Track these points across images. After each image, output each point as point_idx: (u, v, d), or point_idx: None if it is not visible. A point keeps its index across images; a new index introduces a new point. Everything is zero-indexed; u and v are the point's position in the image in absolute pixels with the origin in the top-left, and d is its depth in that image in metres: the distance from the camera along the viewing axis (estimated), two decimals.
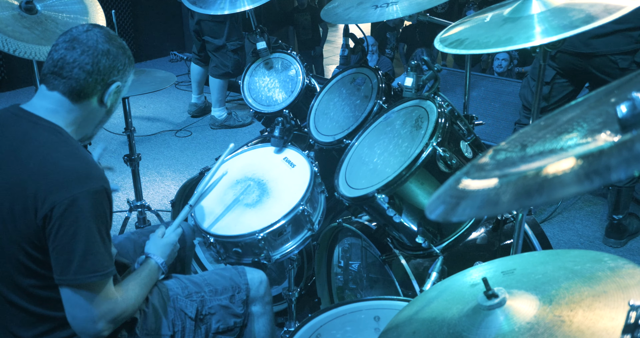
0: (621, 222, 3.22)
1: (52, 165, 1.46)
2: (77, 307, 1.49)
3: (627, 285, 0.94)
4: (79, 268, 1.45)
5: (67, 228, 1.43)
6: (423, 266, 2.06)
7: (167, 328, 1.77)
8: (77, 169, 1.47)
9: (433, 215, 0.80)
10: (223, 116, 5.20)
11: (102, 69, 1.55)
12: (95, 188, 1.46)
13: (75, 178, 1.45)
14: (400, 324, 1.19)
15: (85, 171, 1.48)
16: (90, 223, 1.46)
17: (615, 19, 1.30)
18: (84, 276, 1.46)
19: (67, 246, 1.44)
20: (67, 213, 1.43)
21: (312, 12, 6.55)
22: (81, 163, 1.49)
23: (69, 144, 1.52)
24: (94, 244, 1.47)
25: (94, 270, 1.47)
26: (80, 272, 1.45)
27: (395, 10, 2.06)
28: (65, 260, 1.45)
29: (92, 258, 1.46)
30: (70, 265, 1.45)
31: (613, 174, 0.61)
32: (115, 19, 2.78)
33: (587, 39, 2.88)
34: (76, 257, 1.44)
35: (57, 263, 1.46)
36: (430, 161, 1.81)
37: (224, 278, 1.94)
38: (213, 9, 2.80)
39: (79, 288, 1.48)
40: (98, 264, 1.47)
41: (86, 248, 1.45)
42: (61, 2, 2.48)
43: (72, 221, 1.43)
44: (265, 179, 2.36)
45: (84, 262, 1.45)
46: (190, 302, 1.84)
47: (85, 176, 1.47)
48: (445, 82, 4.50)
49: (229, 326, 1.88)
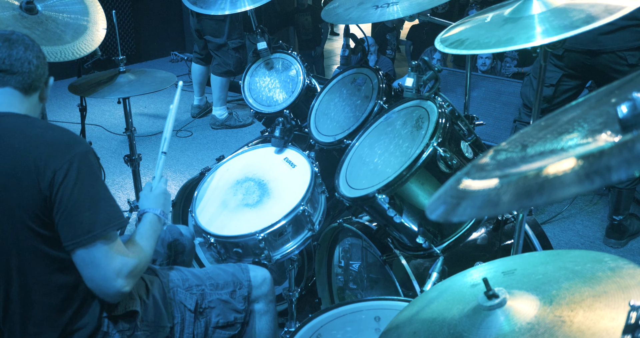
0: (622, 223, 3.22)
1: (38, 138, 1.52)
2: (93, 267, 1.52)
3: (627, 286, 0.94)
4: (90, 226, 1.50)
5: (72, 189, 1.49)
6: (423, 267, 2.06)
7: (166, 319, 1.77)
8: (62, 137, 1.55)
9: (434, 215, 0.80)
10: (224, 116, 5.20)
11: (43, 64, 1.66)
12: (84, 149, 1.55)
13: (64, 144, 1.53)
14: (400, 324, 1.19)
15: (69, 137, 1.56)
16: (91, 180, 1.53)
17: (623, 16, 1.30)
18: (98, 232, 1.50)
19: (75, 206, 1.49)
20: (69, 174, 1.49)
21: (312, 12, 6.55)
22: (62, 132, 1.58)
23: (41, 121, 1.62)
24: (100, 199, 1.54)
25: (105, 223, 1.52)
26: (92, 230, 1.49)
27: (396, 10, 2.05)
28: (76, 222, 1.49)
29: (101, 213, 1.52)
30: (81, 225, 1.49)
31: (614, 175, 0.61)
32: (115, 19, 2.78)
33: (595, 36, 2.87)
34: (85, 216, 1.50)
35: (67, 228, 1.50)
36: (431, 161, 1.81)
37: (226, 273, 1.95)
38: (213, 9, 2.80)
39: (92, 246, 1.50)
40: (107, 217, 1.53)
41: (94, 204, 1.52)
42: (62, 2, 2.48)
43: (74, 183, 1.49)
44: (265, 180, 2.36)
45: (95, 218, 1.50)
46: (190, 294, 1.84)
47: (72, 141, 1.55)
48: (446, 83, 4.50)
49: (229, 321, 1.88)
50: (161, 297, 1.79)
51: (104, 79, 2.74)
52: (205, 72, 5.31)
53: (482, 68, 5.23)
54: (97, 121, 5.32)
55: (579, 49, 2.97)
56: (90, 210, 1.51)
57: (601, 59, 2.93)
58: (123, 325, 1.67)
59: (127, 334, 1.68)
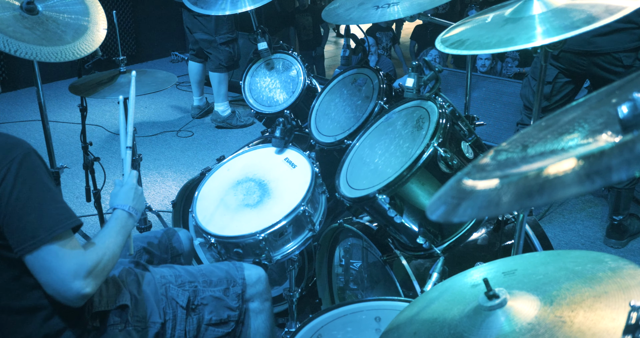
0: (622, 223, 3.22)
1: None
2: (45, 271, 1.44)
3: (628, 286, 0.94)
4: (35, 231, 1.42)
5: (9, 195, 1.42)
6: (424, 267, 2.06)
7: (157, 316, 1.77)
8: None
9: (434, 216, 0.80)
10: (227, 112, 5.19)
11: None
12: (23, 151, 1.46)
13: (1, 150, 1.45)
14: (401, 325, 1.19)
15: (5, 141, 1.48)
16: (32, 182, 1.45)
17: (618, 18, 1.31)
18: (43, 237, 1.42)
19: (17, 211, 1.42)
20: (6, 182, 1.42)
21: (312, 12, 6.55)
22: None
23: None
24: (45, 201, 1.45)
25: (53, 224, 1.44)
26: (38, 233, 1.42)
27: (396, 10, 2.06)
28: (19, 227, 1.43)
29: (46, 217, 1.44)
30: (25, 230, 1.42)
31: (614, 175, 0.61)
32: (116, 20, 2.78)
33: (590, 37, 2.88)
34: (29, 220, 1.42)
35: (12, 233, 1.43)
36: (432, 161, 1.81)
37: (220, 270, 1.94)
38: (214, 9, 2.80)
39: (39, 251, 1.43)
40: (53, 220, 1.44)
41: (37, 207, 1.44)
42: (62, 2, 2.48)
43: (12, 188, 1.42)
44: (266, 180, 2.36)
45: (39, 223, 1.43)
46: (183, 291, 1.83)
47: (9, 145, 1.47)
48: (446, 83, 4.51)
49: (222, 318, 1.87)
50: (153, 292, 1.79)
51: (104, 80, 2.74)
52: (201, 71, 5.31)
53: (481, 69, 5.24)
54: (98, 121, 5.32)
55: (575, 50, 2.98)
56: (33, 214, 1.43)
57: (597, 60, 2.95)
58: (114, 319, 1.66)
59: (119, 328, 1.67)
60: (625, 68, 2.88)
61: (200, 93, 5.46)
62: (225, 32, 4.93)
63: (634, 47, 2.86)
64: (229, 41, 4.96)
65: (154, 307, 1.77)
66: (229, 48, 4.97)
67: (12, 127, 5.20)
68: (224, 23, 4.92)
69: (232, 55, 5.01)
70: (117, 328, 1.67)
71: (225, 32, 4.94)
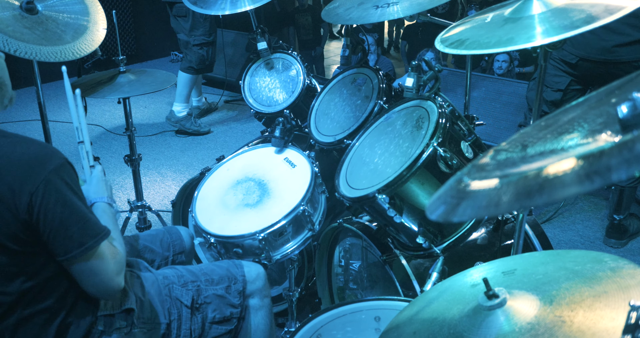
0: (622, 222, 3.22)
1: (8, 159, 1.46)
2: (93, 274, 1.53)
3: (627, 286, 0.94)
4: (81, 240, 1.49)
5: (54, 208, 1.46)
6: (424, 267, 2.06)
7: (163, 316, 1.78)
8: (31, 153, 1.49)
9: (434, 215, 0.80)
10: (182, 114, 5.06)
11: None
12: (58, 163, 1.49)
13: (36, 162, 1.47)
14: (400, 324, 1.19)
15: (39, 152, 1.50)
16: (70, 196, 1.49)
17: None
18: (90, 244, 1.49)
19: (62, 224, 1.47)
20: (48, 195, 1.45)
21: (312, 12, 6.55)
22: (30, 147, 1.51)
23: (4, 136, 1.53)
24: (83, 213, 1.51)
25: (95, 234, 1.51)
26: (84, 243, 1.49)
27: (396, 10, 2.06)
28: (66, 237, 1.48)
29: (89, 226, 1.51)
30: (71, 240, 1.48)
31: (614, 175, 0.61)
32: (115, 19, 2.78)
33: (611, 47, 2.90)
34: (74, 230, 1.48)
35: (57, 244, 1.48)
36: (431, 161, 1.81)
37: (221, 268, 1.95)
38: (214, 9, 2.80)
39: (88, 257, 1.51)
40: (95, 228, 1.52)
41: (79, 219, 1.49)
42: (62, 2, 2.48)
43: (55, 200, 1.46)
44: (266, 180, 2.36)
45: (84, 232, 1.49)
46: (186, 290, 1.84)
47: (43, 156, 1.49)
48: (446, 83, 4.50)
49: (225, 316, 1.89)
50: (157, 293, 1.80)
51: (104, 79, 2.74)
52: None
53: (498, 72, 5.20)
54: (98, 121, 5.32)
55: (595, 59, 2.98)
56: (78, 224, 1.49)
57: (615, 69, 2.95)
58: (120, 323, 1.67)
59: (125, 332, 1.68)
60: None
61: (198, 94, 5.44)
62: (200, 33, 4.83)
63: None
64: (203, 43, 4.84)
65: (159, 308, 1.78)
66: (202, 51, 4.85)
67: (12, 127, 5.20)
68: (200, 24, 4.82)
69: (204, 58, 4.88)
70: (123, 332, 1.68)
71: (201, 34, 4.83)
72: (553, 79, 3.13)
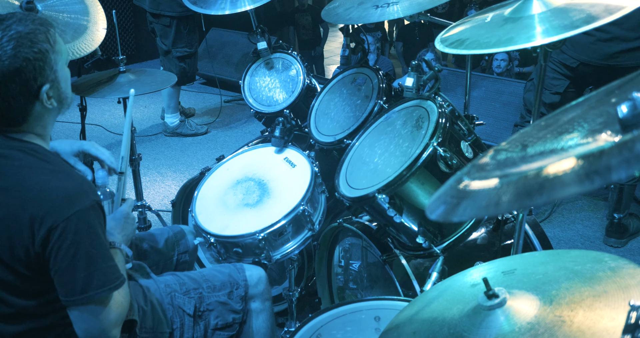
0: (621, 221, 3.22)
1: (39, 189, 1.42)
2: (89, 322, 1.47)
3: (627, 285, 0.94)
4: (85, 287, 1.43)
5: (67, 249, 1.40)
6: (423, 267, 2.06)
7: (165, 325, 1.77)
8: (65, 188, 1.43)
9: (434, 215, 0.80)
10: (175, 123, 5.01)
11: (9, 89, 1.41)
12: (87, 204, 1.43)
13: (66, 198, 1.42)
14: (400, 324, 1.19)
15: (73, 188, 1.44)
16: (89, 240, 1.43)
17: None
18: (92, 294, 1.43)
19: (69, 266, 1.42)
20: (65, 235, 1.40)
21: (312, 12, 6.55)
22: (67, 180, 1.46)
23: (47, 162, 1.48)
24: (96, 260, 1.44)
25: (100, 285, 1.44)
26: (86, 291, 1.43)
27: (396, 10, 2.06)
28: (70, 281, 1.43)
29: (97, 275, 1.44)
30: (74, 285, 1.43)
31: (613, 174, 0.61)
32: (115, 19, 2.78)
33: (614, 53, 2.92)
34: (80, 276, 1.42)
35: (61, 285, 1.44)
36: (431, 161, 1.81)
37: (222, 274, 1.94)
38: (214, 9, 2.80)
39: (88, 305, 1.45)
40: (103, 279, 1.45)
41: (89, 266, 1.43)
42: (62, 2, 2.48)
43: (70, 242, 1.40)
44: (265, 179, 2.36)
45: (90, 280, 1.43)
46: (189, 298, 1.83)
47: (74, 194, 1.43)
48: (446, 82, 4.50)
49: (228, 322, 1.88)
50: (159, 302, 1.79)
51: (104, 79, 2.74)
52: None
53: (497, 70, 5.20)
54: (97, 121, 5.32)
55: (596, 64, 2.98)
56: (85, 271, 1.42)
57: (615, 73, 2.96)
58: (122, 335, 1.66)
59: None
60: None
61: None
62: (183, 45, 4.70)
63: None
64: (185, 56, 4.73)
65: (162, 317, 1.77)
66: (183, 63, 4.74)
67: None
68: (183, 36, 4.68)
69: (186, 71, 4.78)
70: None
71: (184, 46, 4.70)
72: (552, 82, 3.15)
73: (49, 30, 1.47)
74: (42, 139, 1.53)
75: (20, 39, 1.40)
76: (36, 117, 1.49)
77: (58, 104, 1.53)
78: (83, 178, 1.51)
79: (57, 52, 1.48)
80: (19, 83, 1.41)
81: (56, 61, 1.48)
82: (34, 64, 1.42)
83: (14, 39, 1.39)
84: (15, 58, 1.39)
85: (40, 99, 1.46)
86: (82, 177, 1.51)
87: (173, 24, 4.63)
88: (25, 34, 1.41)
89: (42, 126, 1.52)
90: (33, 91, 1.44)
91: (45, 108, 1.49)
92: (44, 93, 1.46)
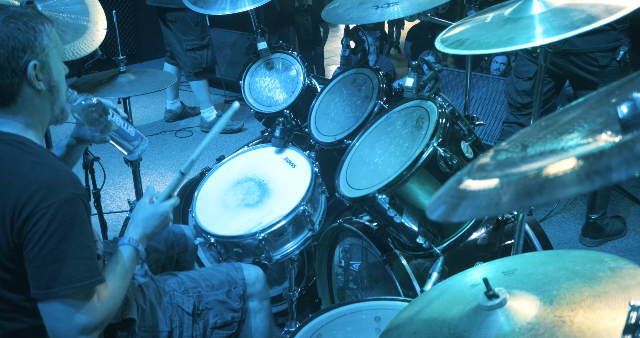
0: (596, 222, 3.23)
1: (22, 179, 1.39)
2: (53, 319, 1.41)
3: (627, 286, 0.94)
4: (50, 281, 1.38)
5: (38, 239, 1.37)
6: (424, 267, 2.06)
7: (164, 324, 1.77)
8: (45, 179, 1.40)
9: (434, 215, 0.80)
10: (212, 118, 5.04)
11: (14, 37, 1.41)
12: (65, 196, 1.39)
13: (47, 188, 1.38)
14: (401, 324, 1.19)
15: (52, 180, 1.40)
16: (62, 232, 1.38)
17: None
18: (57, 290, 1.38)
19: (37, 258, 1.37)
20: (39, 224, 1.36)
21: (312, 12, 6.55)
22: (48, 172, 1.42)
23: (32, 154, 1.45)
24: (70, 255, 1.39)
25: (68, 281, 1.39)
26: (52, 285, 1.38)
27: (396, 10, 2.06)
28: (36, 273, 1.39)
29: (68, 269, 1.39)
30: (41, 278, 1.38)
31: (614, 175, 0.61)
32: (115, 19, 2.78)
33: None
34: (47, 270, 1.38)
35: (31, 276, 1.39)
36: (431, 161, 1.81)
37: (221, 273, 1.94)
38: (214, 9, 2.80)
39: (50, 302, 1.40)
40: (76, 275, 1.39)
41: (59, 260, 1.38)
42: (62, 2, 2.48)
43: (42, 233, 1.36)
44: (266, 180, 2.36)
45: (58, 274, 1.38)
46: (187, 297, 1.84)
47: (53, 185, 1.39)
48: (446, 83, 4.50)
49: (227, 321, 1.88)
50: (158, 301, 1.79)
51: (104, 79, 2.74)
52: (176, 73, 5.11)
53: (495, 73, 5.20)
54: None
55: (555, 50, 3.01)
56: (53, 265, 1.37)
57: (574, 59, 3.00)
58: (121, 333, 1.66)
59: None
60: (601, 68, 2.95)
61: (174, 96, 5.31)
62: (192, 38, 4.77)
63: (610, 48, 2.92)
64: (196, 48, 4.80)
65: (161, 316, 1.77)
66: (194, 54, 4.80)
67: None
68: (191, 29, 4.76)
69: (199, 62, 4.83)
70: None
71: (193, 39, 4.78)
72: (522, 69, 3.21)
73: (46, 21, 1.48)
74: (32, 130, 1.51)
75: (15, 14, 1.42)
76: (25, 99, 1.47)
77: (48, 92, 1.51)
78: (67, 170, 1.47)
79: (51, 40, 1.48)
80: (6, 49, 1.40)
81: (48, 46, 1.47)
82: (25, 34, 1.42)
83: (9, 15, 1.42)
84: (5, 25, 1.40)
85: (28, 78, 1.44)
86: (67, 170, 1.47)
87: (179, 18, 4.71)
88: (20, 13, 1.44)
89: (31, 112, 1.49)
90: (21, 64, 1.43)
91: (34, 90, 1.47)
92: (31, 69, 1.44)
